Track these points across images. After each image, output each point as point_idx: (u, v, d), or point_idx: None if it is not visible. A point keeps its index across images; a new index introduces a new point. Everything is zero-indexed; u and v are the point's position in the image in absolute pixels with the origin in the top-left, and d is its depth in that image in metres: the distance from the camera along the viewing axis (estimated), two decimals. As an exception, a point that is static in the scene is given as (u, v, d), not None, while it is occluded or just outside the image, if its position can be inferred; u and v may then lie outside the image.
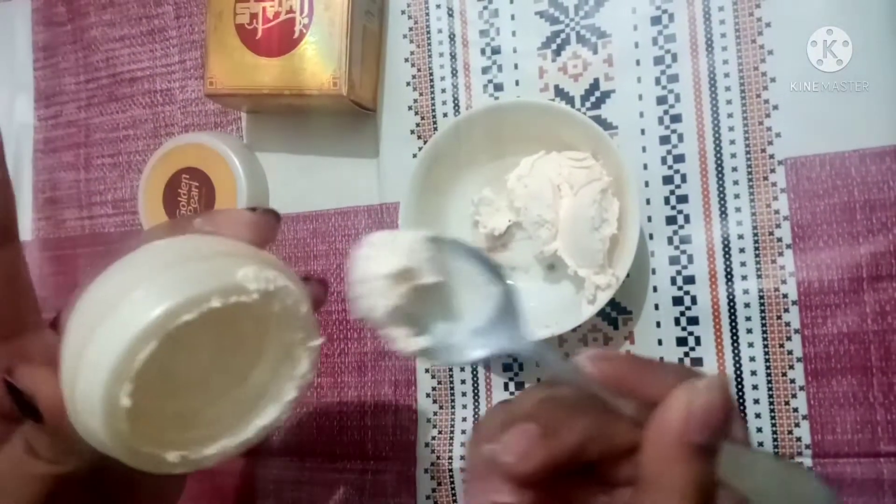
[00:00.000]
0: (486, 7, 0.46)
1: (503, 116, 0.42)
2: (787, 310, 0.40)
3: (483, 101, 0.46)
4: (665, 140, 0.42)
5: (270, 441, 0.50)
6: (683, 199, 0.42)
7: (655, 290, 0.42)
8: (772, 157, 0.40)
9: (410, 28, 0.47)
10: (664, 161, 0.42)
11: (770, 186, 0.40)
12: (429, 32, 0.47)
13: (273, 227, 0.28)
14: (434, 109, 0.47)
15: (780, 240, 0.40)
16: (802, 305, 0.40)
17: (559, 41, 0.44)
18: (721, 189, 0.41)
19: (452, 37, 0.46)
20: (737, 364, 0.41)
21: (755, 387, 0.40)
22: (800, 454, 0.39)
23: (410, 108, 0.47)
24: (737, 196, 0.41)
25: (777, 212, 0.40)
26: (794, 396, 0.40)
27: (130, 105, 0.55)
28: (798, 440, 0.39)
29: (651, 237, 0.42)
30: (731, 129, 0.41)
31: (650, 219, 0.42)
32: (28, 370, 0.24)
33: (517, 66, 0.45)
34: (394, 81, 0.48)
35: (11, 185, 0.27)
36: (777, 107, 0.40)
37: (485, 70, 0.46)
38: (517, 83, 0.45)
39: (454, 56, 0.46)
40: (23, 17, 0.59)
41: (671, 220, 0.42)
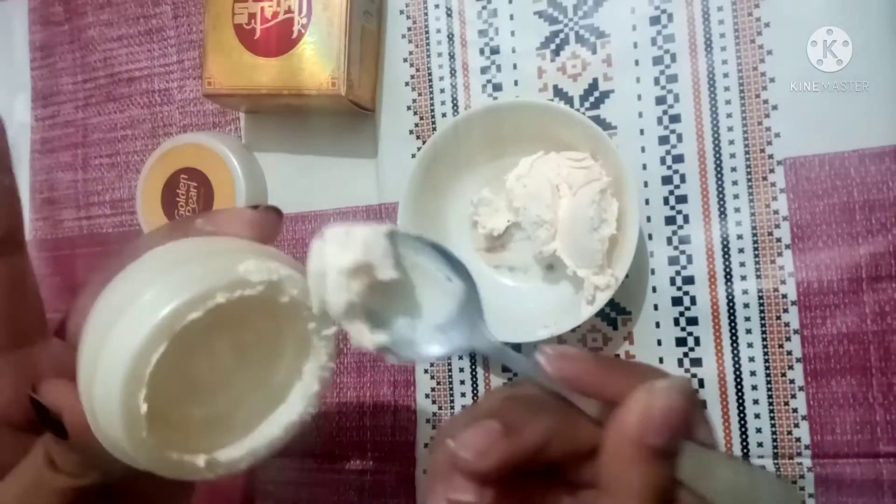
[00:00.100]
0: (485, 7, 0.46)
1: (502, 116, 0.42)
2: (787, 310, 0.40)
3: (482, 101, 0.46)
4: (664, 140, 0.42)
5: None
6: (682, 200, 0.42)
7: (655, 291, 0.42)
8: (771, 158, 0.40)
9: (409, 28, 0.47)
10: (663, 161, 0.42)
11: (769, 187, 0.40)
12: (427, 32, 0.47)
13: (275, 225, 0.28)
14: (433, 109, 0.47)
15: (780, 240, 0.40)
16: (802, 306, 0.39)
17: (558, 41, 0.44)
18: (720, 189, 0.41)
19: (451, 37, 0.46)
20: (736, 364, 0.41)
21: (754, 387, 0.40)
22: (799, 454, 0.39)
23: (409, 108, 0.47)
24: (736, 196, 0.41)
25: (776, 212, 0.40)
26: (794, 397, 0.40)
27: (128, 105, 0.55)
28: (797, 440, 0.39)
29: (650, 237, 0.42)
30: (731, 130, 0.41)
31: (649, 219, 0.42)
32: (52, 386, 0.24)
33: (516, 66, 0.45)
34: (392, 81, 0.48)
35: (19, 194, 0.27)
36: (776, 107, 0.40)
37: (483, 70, 0.46)
38: (516, 83, 0.45)
39: (453, 56, 0.46)
40: (20, 17, 0.59)
41: (670, 221, 0.42)
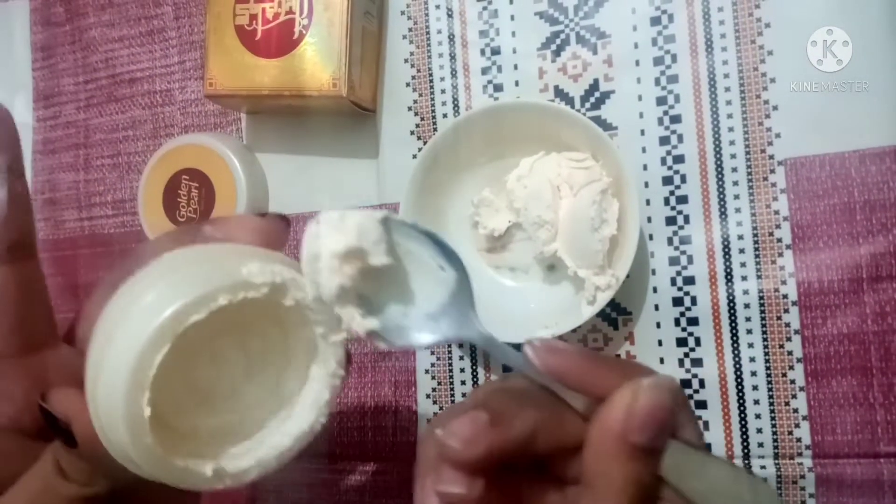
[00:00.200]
0: (486, 7, 0.46)
1: (503, 117, 0.42)
2: (787, 310, 0.40)
3: (483, 102, 0.46)
4: (665, 141, 0.42)
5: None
6: (683, 200, 0.42)
7: (655, 291, 0.42)
8: (771, 158, 0.40)
9: (410, 29, 0.47)
10: (664, 162, 0.42)
11: (770, 187, 0.40)
12: (428, 33, 0.47)
13: (283, 233, 0.28)
14: (434, 110, 0.47)
15: (780, 240, 0.40)
16: (802, 306, 0.40)
17: (559, 42, 0.44)
18: (721, 190, 0.41)
19: (452, 37, 0.46)
20: (737, 365, 0.41)
21: (755, 387, 0.40)
22: (800, 454, 0.39)
23: (410, 109, 0.47)
24: (736, 197, 0.41)
25: (777, 212, 0.40)
26: (794, 397, 0.40)
27: (130, 106, 0.55)
28: (798, 441, 0.39)
29: (651, 238, 0.42)
30: (731, 130, 0.41)
31: (650, 219, 0.42)
32: (61, 394, 0.24)
33: (517, 67, 0.45)
34: (393, 82, 0.48)
35: (31, 202, 0.27)
36: (777, 107, 0.40)
37: (484, 71, 0.46)
38: (517, 84, 0.45)
39: (454, 57, 0.46)
40: (21, 17, 0.59)
41: (671, 221, 0.42)
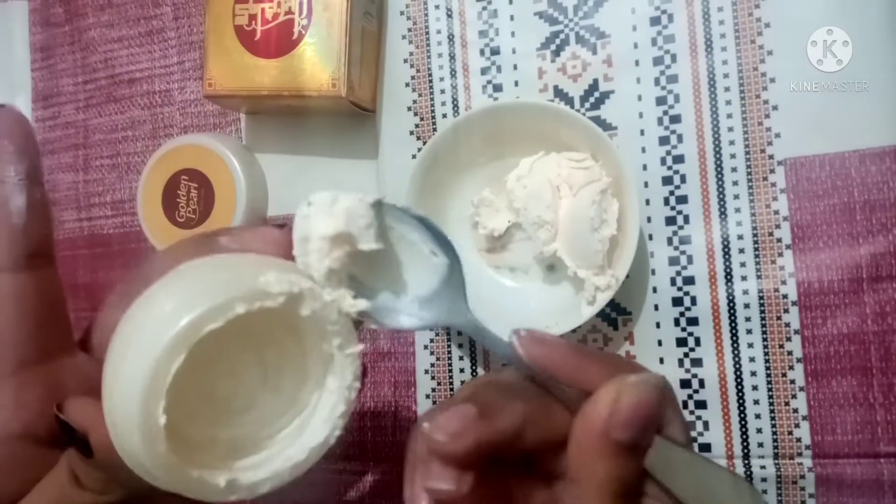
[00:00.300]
0: (485, 8, 0.46)
1: (502, 117, 0.42)
2: (787, 310, 0.40)
3: (482, 102, 0.46)
4: (664, 140, 0.42)
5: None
6: (683, 200, 0.42)
7: (655, 291, 0.42)
8: (771, 158, 0.40)
9: (409, 29, 0.47)
10: (663, 162, 0.42)
11: (770, 187, 0.40)
12: (428, 33, 0.47)
13: None
14: (433, 110, 0.47)
15: (780, 240, 0.40)
16: (802, 306, 0.39)
17: (558, 42, 0.44)
18: (720, 189, 0.41)
19: (451, 37, 0.46)
20: (737, 364, 0.41)
21: (755, 387, 0.40)
22: (800, 454, 0.39)
23: (409, 109, 0.47)
24: (736, 196, 0.41)
25: (777, 212, 0.40)
26: (794, 397, 0.40)
27: (129, 106, 0.55)
28: (798, 441, 0.39)
29: (650, 238, 0.42)
30: (731, 130, 0.41)
31: (650, 219, 0.42)
32: (78, 404, 0.24)
33: (516, 67, 0.45)
34: (393, 82, 0.48)
35: (50, 208, 0.26)
36: (777, 107, 0.40)
37: (484, 71, 0.46)
38: (516, 84, 0.45)
39: (453, 57, 0.46)
40: (20, 18, 0.59)
41: (671, 221, 0.42)
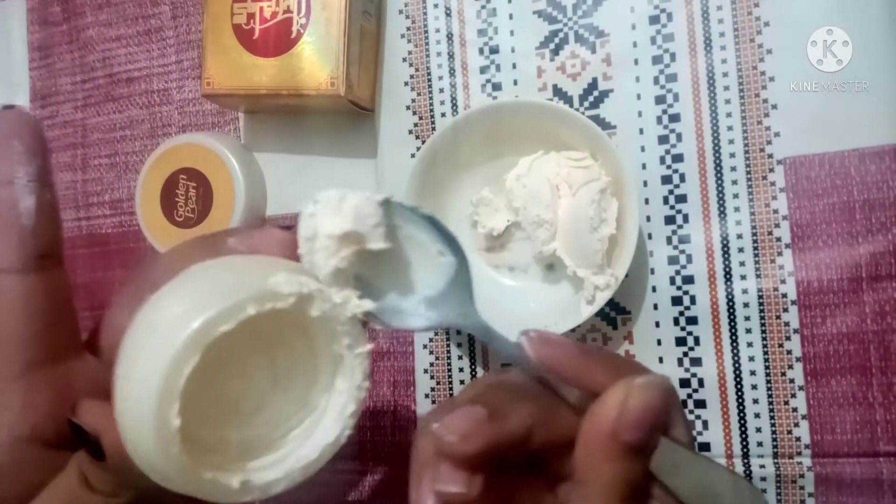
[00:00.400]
0: (484, 6, 0.46)
1: (501, 116, 0.42)
2: (787, 309, 0.40)
3: (481, 101, 0.46)
4: (664, 139, 0.42)
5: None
6: (682, 199, 0.42)
7: (654, 290, 0.42)
8: (771, 157, 0.40)
9: (408, 28, 0.47)
10: (663, 161, 0.42)
11: (769, 186, 0.40)
12: (426, 32, 0.47)
13: None
14: (432, 109, 0.47)
15: (780, 239, 0.40)
16: (801, 305, 0.39)
17: (557, 40, 0.44)
18: (720, 188, 0.41)
19: (450, 36, 0.46)
20: (736, 364, 0.41)
21: (754, 387, 0.40)
22: (799, 454, 0.39)
23: (408, 108, 0.47)
24: (736, 196, 0.41)
25: (776, 211, 0.40)
26: (794, 396, 0.40)
27: (127, 105, 0.55)
28: (797, 440, 0.39)
29: (650, 237, 0.42)
30: (730, 129, 0.41)
31: (649, 218, 0.42)
32: (90, 407, 0.24)
33: (515, 66, 0.45)
34: (392, 81, 0.48)
35: (59, 211, 0.26)
36: (776, 106, 0.40)
37: (483, 70, 0.46)
38: (515, 83, 0.45)
39: (452, 56, 0.46)
40: (18, 17, 0.59)
41: (670, 220, 0.42)
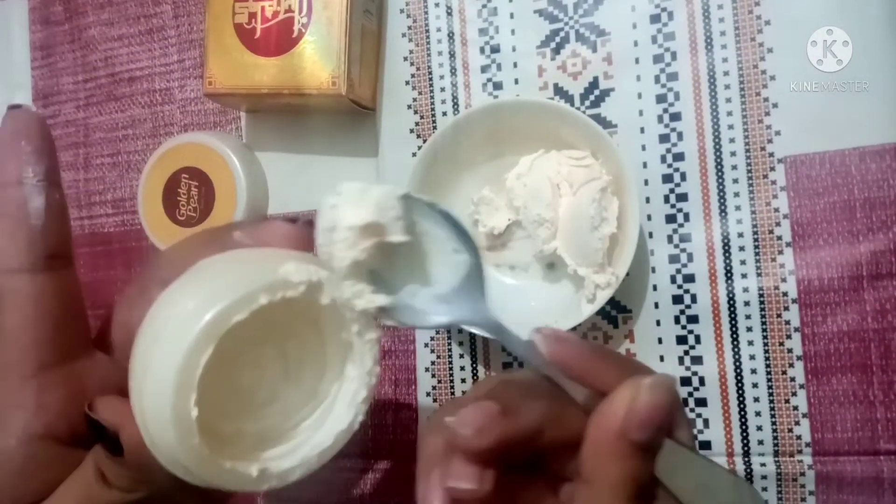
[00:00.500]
0: (485, 5, 0.46)
1: (502, 115, 0.42)
2: (787, 308, 0.40)
3: (482, 100, 0.46)
4: (664, 138, 0.42)
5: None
6: (683, 198, 0.42)
7: (655, 289, 0.42)
8: (771, 156, 0.40)
9: (409, 27, 0.47)
10: (664, 159, 0.42)
11: (770, 185, 0.40)
12: (427, 31, 0.47)
13: (311, 238, 0.28)
14: (433, 108, 0.47)
15: (780, 238, 0.40)
16: (802, 304, 0.40)
17: (558, 39, 0.44)
18: (721, 187, 0.41)
19: (451, 35, 0.46)
20: (737, 362, 0.41)
21: (755, 385, 0.40)
22: (800, 452, 0.39)
23: (410, 107, 0.47)
24: (736, 194, 0.41)
25: (777, 210, 0.40)
26: (794, 395, 0.40)
27: (129, 104, 0.55)
28: (798, 438, 0.39)
29: (651, 236, 0.42)
30: (731, 128, 0.41)
31: (650, 217, 0.42)
32: (108, 403, 0.24)
33: (516, 65, 0.45)
34: (393, 80, 0.48)
35: (68, 211, 0.27)
36: (777, 105, 0.40)
37: (484, 69, 0.46)
38: (516, 82, 0.45)
39: (453, 55, 0.46)
40: (20, 16, 0.59)
41: (671, 219, 0.42)
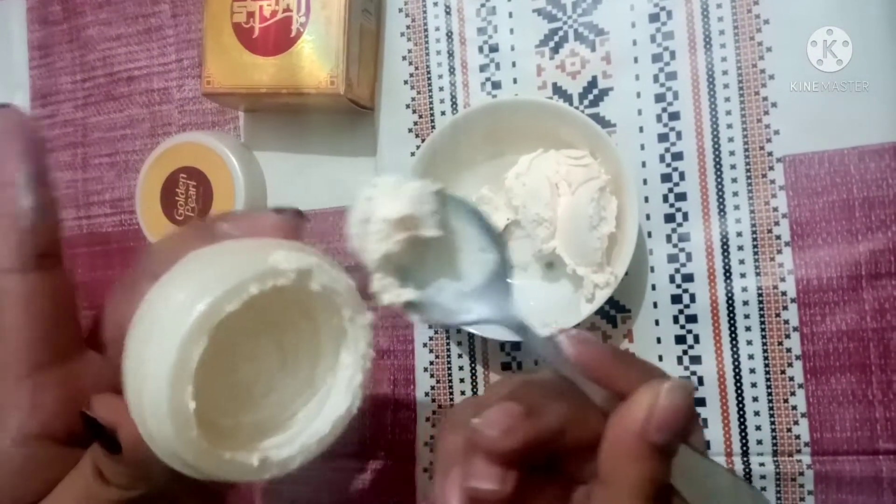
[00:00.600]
0: (484, 5, 0.46)
1: (501, 115, 0.42)
2: (786, 307, 0.40)
3: (481, 100, 0.46)
4: (663, 138, 0.42)
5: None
6: (682, 197, 0.42)
7: (654, 289, 0.42)
8: (770, 155, 0.40)
9: (408, 26, 0.47)
10: (662, 159, 0.42)
11: (769, 184, 0.40)
12: (426, 30, 0.47)
13: (300, 228, 0.28)
14: (432, 108, 0.47)
15: (779, 237, 0.40)
16: (801, 303, 0.39)
17: (557, 39, 0.44)
18: (720, 187, 0.41)
19: (450, 35, 0.46)
20: (735, 362, 0.41)
21: (754, 385, 0.40)
22: (799, 451, 0.39)
23: (408, 107, 0.47)
24: (735, 194, 0.41)
25: (776, 209, 0.40)
26: (793, 394, 0.40)
27: (127, 104, 0.55)
28: (797, 438, 0.39)
29: (650, 235, 0.42)
30: (730, 127, 0.41)
31: (649, 217, 0.42)
32: (104, 401, 0.24)
33: (515, 64, 0.45)
34: (391, 80, 0.48)
35: (58, 210, 0.26)
36: (776, 104, 0.40)
37: (483, 68, 0.46)
38: (515, 81, 0.45)
39: (452, 54, 0.46)
40: (18, 16, 0.59)
41: (670, 218, 0.42)
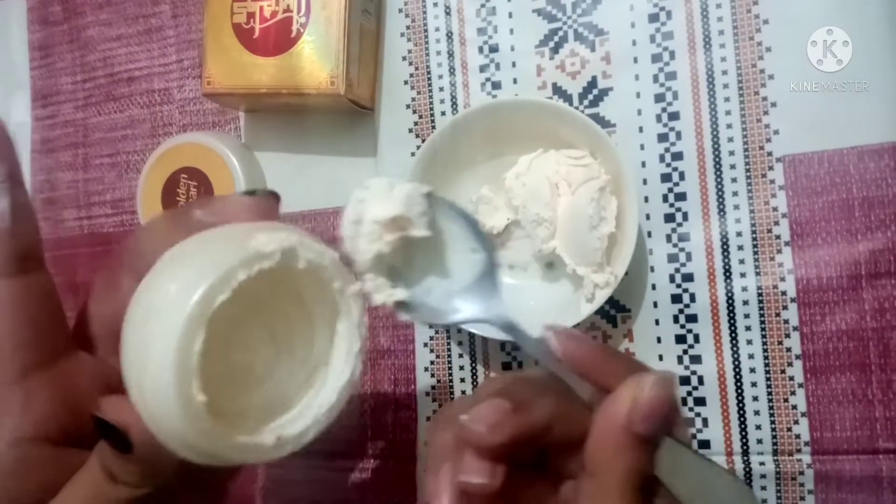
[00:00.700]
0: (484, 5, 0.46)
1: (501, 115, 0.42)
2: (786, 307, 0.40)
3: (481, 100, 0.46)
4: (663, 138, 0.42)
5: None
6: (682, 197, 0.42)
7: (654, 288, 0.42)
8: (770, 155, 0.40)
9: (408, 26, 0.47)
10: (662, 159, 0.42)
11: (768, 184, 0.40)
12: (426, 31, 0.47)
13: (274, 209, 0.28)
14: (432, 108, 0.47)
15: (779, 237, 0.40)
16: (801, 303, 0.40)
17: (557, 39, 0.44)
18: (719, 186, 0.41)
19: (450, 35, 0.46)
20: (736, 361, 0.41)
21: (754, 384, 0.40)
22: (799, 451, 0.39)
23: (408, 107, 0.47)
24: (735, 193, 0.41)
25: (775, 209, 0.40)
26: (793, 393, 0.40)
27: (128, 105, 0.55)
28: (797, 437, 0.39)
29: (649, 235, 0.42)
30: (730, 127, 0.41)
31: (648, 217, 0.42)
32: (112, 402, 0.24)
33: (515, 65, 0.45)
34: (391, 80, 0.48)
35: (34, 210, 0.27)
36: (775, 104, 0.40)
37: (483, 68, 0.46)
38: (515, 81, 0.45)
39: (452, 54, 0.46)
40: (18, 16, 0.59)
41: (669, 218, 0.42)
